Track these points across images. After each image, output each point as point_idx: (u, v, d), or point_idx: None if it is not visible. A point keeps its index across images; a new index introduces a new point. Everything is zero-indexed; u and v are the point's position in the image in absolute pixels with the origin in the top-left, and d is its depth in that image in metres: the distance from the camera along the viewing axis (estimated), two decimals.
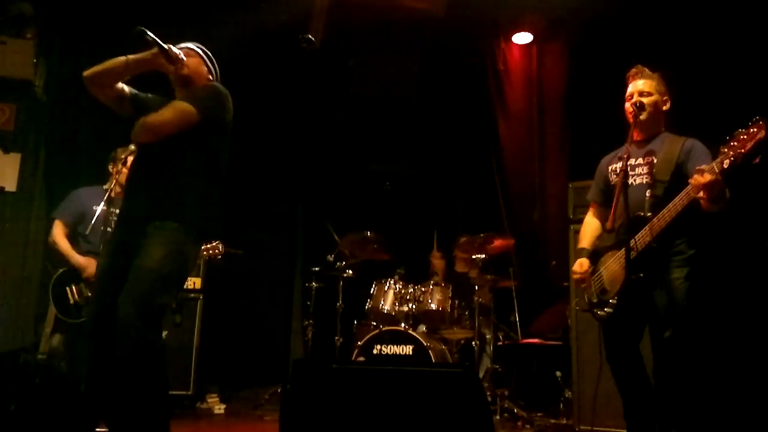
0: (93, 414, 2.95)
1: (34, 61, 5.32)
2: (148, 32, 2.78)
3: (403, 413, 2.35)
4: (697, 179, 2.69)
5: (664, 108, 3.13)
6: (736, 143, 2.64)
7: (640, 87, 3.11)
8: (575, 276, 3.19)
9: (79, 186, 4.43)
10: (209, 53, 3.09)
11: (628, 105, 3.09)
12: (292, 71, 2.88)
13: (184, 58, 2.90)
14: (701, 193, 2.72)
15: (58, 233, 4.22)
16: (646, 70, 3.17)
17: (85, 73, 2.84)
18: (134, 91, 2.96)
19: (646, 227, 2.86)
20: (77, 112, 5.43)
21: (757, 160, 2.63)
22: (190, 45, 3.03)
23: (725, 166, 2.65)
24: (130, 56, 2.83)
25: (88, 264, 4.10)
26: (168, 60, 2.84)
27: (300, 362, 2.68)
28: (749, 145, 2.60)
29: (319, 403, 2.44)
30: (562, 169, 5.76)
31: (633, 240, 2.87)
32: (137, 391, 2.58)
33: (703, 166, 2.71)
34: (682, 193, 2.79)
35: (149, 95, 3.01)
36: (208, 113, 2.81)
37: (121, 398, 2.61)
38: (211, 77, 3.06)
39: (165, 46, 2.82)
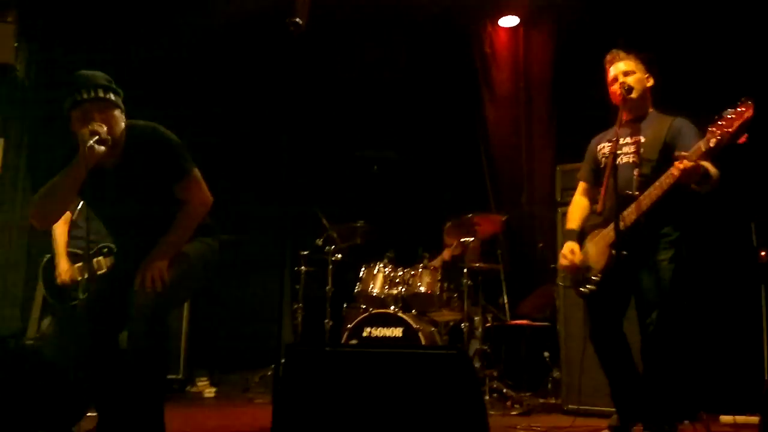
0: (83, 400, 2.94)
1: (15, 44, 5.22)
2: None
3: (396, 395, 2.36)
4: (677, 166, 2.72)
5: (648, 84, 3.15)
6: (723, 123, 2.66)
7: (622, 68, 3.13)
8: (565, 262, 3.14)
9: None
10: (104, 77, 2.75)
11: (614, 87, 3.11)
12: (279, 55, 2.83)
13: (108, 136, 2.58)
14: (681, 179, 2.74)
15: (61, 222, 4.09)
16: (621, 52, 3.18)
17: (31, 220, 2.76)
18: None
19: (633, 205, 2.89)
20: (60, 96, 5.35)
21: (744, 140, 2.66)
22: (92, 88, 2.68)
23: (711, 145, 2.67)
24: (58, 180, 2.57)
25: (65, 273, 4.03)
26: (98, 150, 2.51)
27: (292, 346, 2.69)
28: (736, 125, 2.63)
29: (311, 386, 2.45)
30: (549, 153, 5.77)
31: (621, 217, 2.89)
32: (138, 381, 2.55)
33: (684, 153, 2.73)
34: (668, 172, 2.81)
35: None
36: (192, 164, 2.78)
37: (120, 387, 2.58)
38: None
39: (88, 143, 2.49)
